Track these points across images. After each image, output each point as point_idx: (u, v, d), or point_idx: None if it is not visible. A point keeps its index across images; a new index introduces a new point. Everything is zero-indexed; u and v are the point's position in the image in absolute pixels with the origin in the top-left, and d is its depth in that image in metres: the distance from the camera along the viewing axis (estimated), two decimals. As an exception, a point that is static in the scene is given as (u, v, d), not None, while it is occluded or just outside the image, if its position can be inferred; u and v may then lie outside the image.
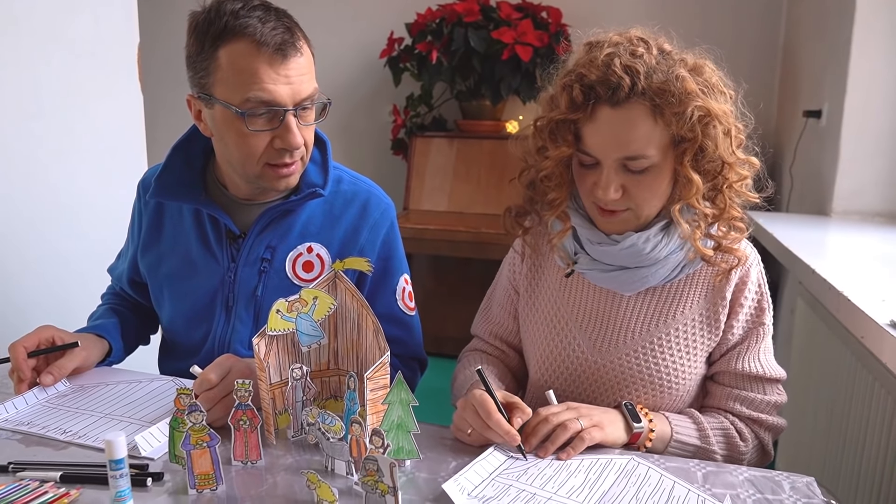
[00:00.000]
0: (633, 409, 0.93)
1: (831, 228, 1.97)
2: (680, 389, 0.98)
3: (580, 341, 1.00)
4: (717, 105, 0.87)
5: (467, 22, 2.74)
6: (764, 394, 0.99)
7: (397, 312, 1.15)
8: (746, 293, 0.97)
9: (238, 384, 0.82)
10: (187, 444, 0.77)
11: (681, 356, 0.97)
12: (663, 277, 0.96)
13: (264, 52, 0.94)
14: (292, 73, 0.96)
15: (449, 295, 3.02)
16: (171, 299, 1.15)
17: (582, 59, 0.91)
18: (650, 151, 0.87)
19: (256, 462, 0.84)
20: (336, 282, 0.93)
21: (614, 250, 0.94)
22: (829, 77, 2.16)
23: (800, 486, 0.83)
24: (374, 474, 0.68)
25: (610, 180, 0.89)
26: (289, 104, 0.97)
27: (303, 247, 1.09)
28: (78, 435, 0.90)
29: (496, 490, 0.79)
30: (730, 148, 0.89)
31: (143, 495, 0.78)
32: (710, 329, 0.98)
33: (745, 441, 0.98)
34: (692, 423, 0.96)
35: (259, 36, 0.94)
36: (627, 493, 0.79)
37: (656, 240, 0.93)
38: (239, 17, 0.94)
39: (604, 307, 1.00)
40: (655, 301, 0.98)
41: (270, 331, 0.89)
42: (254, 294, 1.09)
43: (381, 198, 1.16)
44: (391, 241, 1.16)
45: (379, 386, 0.86)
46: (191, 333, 1.14)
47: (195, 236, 1.12)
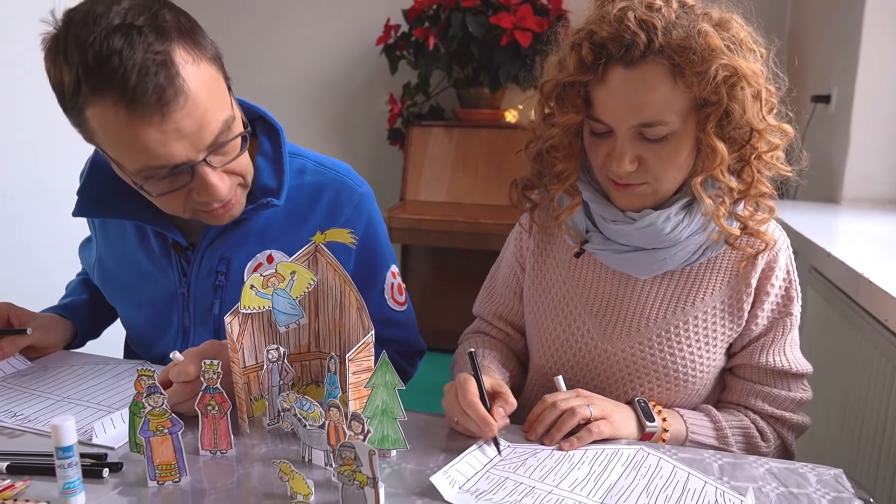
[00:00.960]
0: (646, 406, 0.86)
1: (842, 215, 1.90)
2: (696, 383, 0.90)
3: (590, 326, 0.92)
4: (745, 63, 0.76)
5: (465, 7, 2.66)
6: (788, 390, 0.90)
7: (388, 313, 1.04)
8: (773, 280, 0.87)
9: (205, 365, 0.74)
10: (146, 431, 0.69)
11: (699, 347, 0.88)
12: (683, 261, 0.87)
13: (138, 111, 0.73)
14: (182, 122, 0.76)
15: (447, 287, 2.94)
16: (128, 313, 1.04)
17: (593, 16, 0.81)
18: (669, 117, 0.78)
19: (227, 452, 0.76)
20: (317, 256, 0.85)
21: (630, 229, 0.85)
22: (839, 61, 2.09)
23: (827, 479, 0.75)
24: (352, 463, 0.60)
25: (625, 150, 0.80)
26: (193, 157, 0.79)
27: (262, 255, 0.95)
28: (28, 419, 0.83)
29: (490, 483, 0.71)
30: (759, 113, 0.79)
31: (97, 488, 0.70)
32: (731, 318, 0.89)
33: (766, 441, 0.89)
34: (709, 421, 0.88)
35: (123, 91, 0.72)
36: (637, 486, 0.72)
37: (677, 219, 0.84)
38: (91, 61, 0.72)
39: (616, 291, 0.91)
40: (673, 286, 0.89)
41: (244, 308, 0.81)
42: (210, 311, 0.96)
43: (352, 188, 1.00)
44: (371, 236, 1.02)
45: (362, 368, 0.78)
46: (151, 349, 1.03)
47: (140, 249, 0.98)
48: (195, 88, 0.76)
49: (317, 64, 3.25)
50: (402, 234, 2.71)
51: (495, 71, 2.70)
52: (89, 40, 0.72)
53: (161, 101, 0.74)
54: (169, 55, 0.74)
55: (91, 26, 0.73)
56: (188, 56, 0.77)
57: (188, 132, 0.77)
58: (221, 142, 0.81)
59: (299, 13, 3.21)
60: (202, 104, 0.77)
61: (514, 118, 2.89)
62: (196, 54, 0.78)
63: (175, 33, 0.76)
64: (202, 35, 0.81)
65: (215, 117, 0.79)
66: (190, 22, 0.80)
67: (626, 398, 0.90)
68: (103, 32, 0.72)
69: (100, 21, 0.73)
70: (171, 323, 0.99)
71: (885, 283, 1.07)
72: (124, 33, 0.72)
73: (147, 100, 0.73)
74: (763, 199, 0.84)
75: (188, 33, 0.78)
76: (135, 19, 0.74)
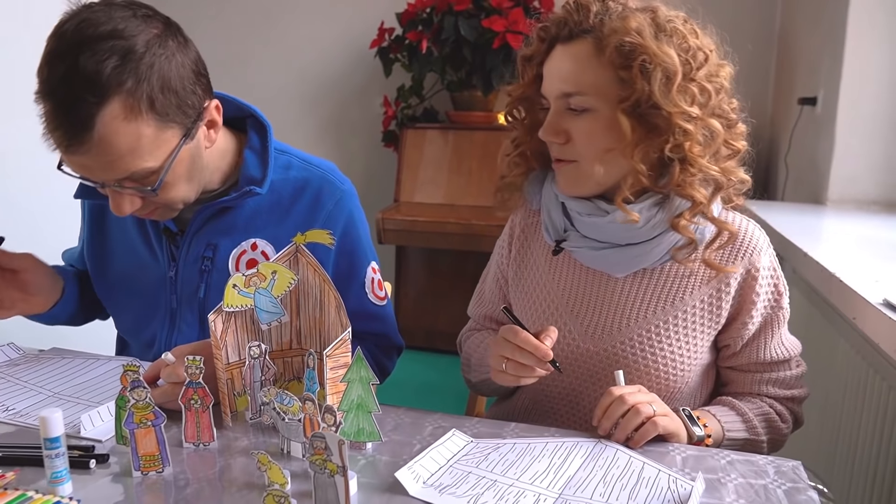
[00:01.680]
0: (690, 414, 0.87)
1: (827, 216, 1.92)
2: (678, 381, 0.92)
3: (571, 327, 0.95)
4: (656, 45, 0.80)
5: (458, 10, 2.70)
6: (791, 370, 0.96)
7: (369, 307, 1.07)
8: (759, 284, 0.90)
9: (188, 361, 0.77)
10: (130, 423, 0.72)
11: (680, 345, 0.91)
12: (658, 258, 0.90)
13: (53, 133, 0.80)
14: (87, 160, 0.82)
15: (441, 288, 2.97)
16: (119, 301, 1.08)
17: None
18: (588, 90, 0.84)
19: (209, 444, 0.80)
20: (297, 256, 0.88)
21: (603, 222, 0.88)
22: (825, 64, 2.11)
23: (785, 470, 0.78)
24: (322, 453, 0.63)
25: (553, 120, 0.87)
26: (98, 181, 0.85)
27: (247, 243, 1.00)
28: (21, 413, 0.86)
29: (454, 477, 0.74)
30: (671, 97, 0.80)
31: (84, 478, 0.73)
32: (711, 316, 0.92)
33: (785, 422, 0.94)
34: (736, 415, 0.91)
35: (52, 115, 0.79)
36: (595, 477, 0.75)
37: (649, 213, 0.86)
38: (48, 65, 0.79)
39: (596, 291, 0.94)
40: (653, 285, 0.92)
41: (227, 307, 0.84)
42: (196, 295, 1.01)
43: (335, 184, 1.04)
44: (352, 231, 1.05)
45: (339, 364, 0.81)
46: (139, 336, 1.07)
47: (136, 233, 1.04)
48: (108, 140, 0.80)
49: (311, 66, 3.29)
50: (397, 236, 2.74)
51: (488, 74, 2.73)
52: (60, 49, 0.78)
53: (66, 140, 0.80)
54: (97, 107, 0.78)
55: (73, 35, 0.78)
56: (122, 112, 0.79)
57: (91, 167, 0.83)
58: (133, 180, 0.85)
59: (294, 16, 3.25)
60: (112, 153, 0.81)
61: (508, 120, 2.92)
62: (136, 111, 0.80)
63: (124, 89, 0.79)
64: (166, 92, 0.83)
65: (126, 166, 0.83)
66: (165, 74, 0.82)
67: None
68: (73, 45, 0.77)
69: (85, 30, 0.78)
70: (159, 306, 1.03)
71: (855, 283, 1.10)
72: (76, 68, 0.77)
73: (59, 131, 0.79)
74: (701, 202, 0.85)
75: (148, 94, 0.81)
76: (97, 63, 0.77)
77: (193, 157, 0.91)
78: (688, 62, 0.82)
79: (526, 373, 0.84)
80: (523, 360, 0.83)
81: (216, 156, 0.99)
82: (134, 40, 0.80)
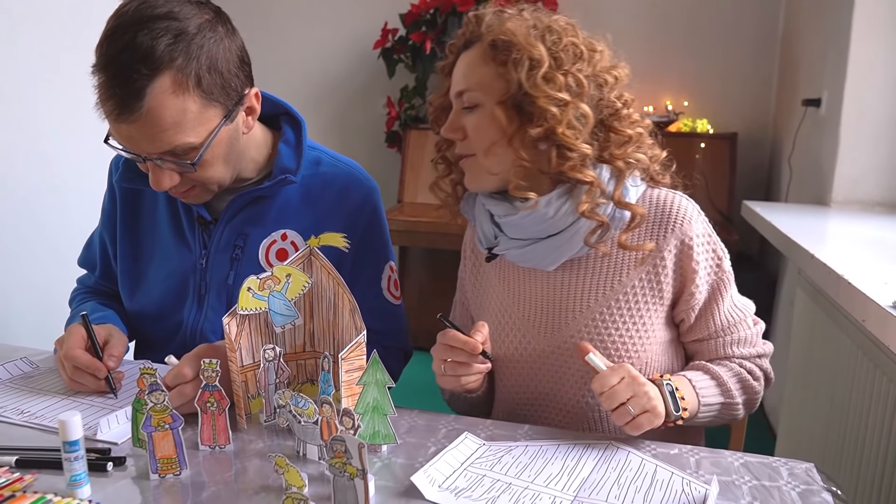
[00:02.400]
0: (672, 391, 0.85)
1: (831, 218, 1.93)
2: (641, 359, 0.93)
3: (524, 330, 0.97)
4: (525, 39, 0.86)
5: (462, 11, 2.70)
6: (750, 328, 0.97)
7: (382, 303, 1.10)
8: (697, 249, 0.92)
9: (205, 364, 0.77)
10: (148, 426, 0.72)
11: (631, 325, 0.92)
12: (581, 245, 0.91)
13: (105, 103, 0.85)
14: (134, 131, 0.86)
15: (443, 289, 2.97)
16: (145, 285, 1.10)
17: None
18: (474, 86, 0.90)
19: (225, 447, 0.80)
20: (311, 259, 0.89)
21: (517, 219, 0.92)
22: (829, 65, 2.12)
23: (798, 473, 0.78)
24: (342, 456, 0.63)
25: (452, 118, 0.93)
26: (140, 153, 0.89)
27: (277, 234, 1.04)
28: (35, 416, 0.86)
29: (469, 481, 0.74)
30: (537, 83, 0.86)
31: (102, 480, 0.73)
32: (654, 292, 0.93)
33: (757, 380, 0.94)
34: (710, 378, 0.92)
35: (104, 80, 0.84)
36: (608, 479, 0.75)
37: (559, 202, 0.90)
38: (107, 41, 0.84)
39: (535, 289, 0.97)
40: (588, 273, 0.94)
41: (241, 310, 0.85)
42: (225, 282, 1.04)
43: (361, 180, 1.10)
44: (375, 226, 1.10)
45: (354, 367, 0.82)
46: (163, 322, 1.08)
47: (169, 221, 1.07)
48: (156, 113, 0.85)
49: (315, 67, 3.29)
50: (400, 236, 2.74)
51: (491, 74, 2.73)
52: (120, 26, 0.84)
53: (119, 108, 0.84)
54: (148, 79, 0.83)
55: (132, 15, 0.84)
56: (172, 87, 0.85)
57: (137, 139, 0.87)
58: (174, 155, 0.89)
59: (298, 16, 3.25)
60: (158, 126, 0.86)
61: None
62: (183, 88, 0.85)
63: (175, 65, 0.84)
64: (213, 71, 0.88)
65: (170, 140, 0.87)
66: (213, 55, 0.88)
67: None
68: (131, 25, 0.83)
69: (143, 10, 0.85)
70: (187, 293, 1.06)
71: (864, 285, 1.10)
72: (139, 39, 0.83)
73: (111, 101, 0.85)
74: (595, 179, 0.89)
75: (194, 67, 0.86)
76: (159, 33, 0.84)
77: (232, 139, 0.95)
78: (558, 55, 0.87)
79: (463, 370, 0.87)
80: (457, 358, 0.87)
81: (252, 147, 1.03)
82: (187, 22, 0.86)
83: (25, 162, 1.57)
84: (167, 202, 1.08)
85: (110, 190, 1.13)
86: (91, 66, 0.86)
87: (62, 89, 1.64)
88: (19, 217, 1.56)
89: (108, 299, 1.16)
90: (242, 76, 0.94)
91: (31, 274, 1.60)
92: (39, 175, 1.60)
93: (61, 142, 1.66)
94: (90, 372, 0.92)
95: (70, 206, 1.67)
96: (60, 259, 1.62)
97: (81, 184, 1.68)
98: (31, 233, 1.59)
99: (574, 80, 0.87)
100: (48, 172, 1.62)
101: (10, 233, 1.55)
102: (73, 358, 0.91)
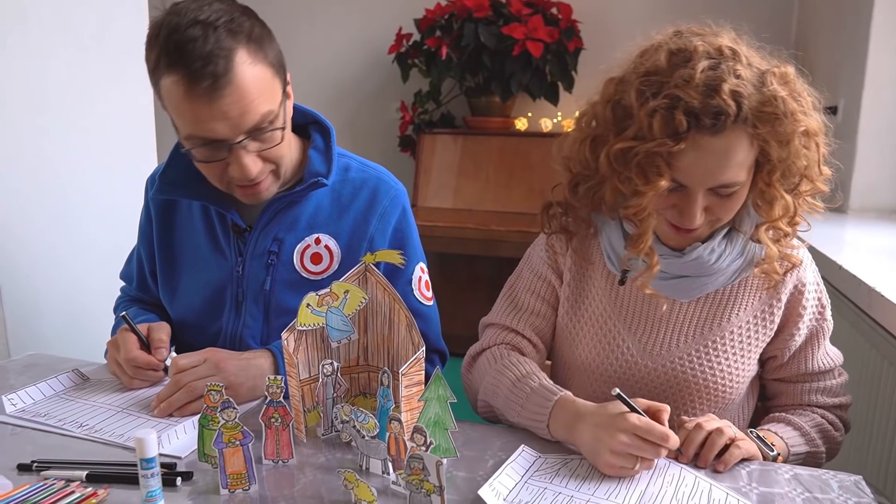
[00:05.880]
0: (759, 436, 0.89)
1: (848, 226, 1.95)
2: (732, 394, 0.96)
3: (629, 344, 0.97)
4: (814, 122, 0.83)
5: (477, 17, 2.71)
6: (836, 378, 0.99)
7: (413, 303, 1.10)
8: (806, 297, 0.95)
9: (269, 380, 0.79)
10: (220, 443, 0.74)
11: (735, 360, 0.95)
12: (721, 284, 0.94)
13: (195, 90, 0.88)
14: (228, 107, 0.89)
15: (456, 293, 2.99)
16: (183, 296, 1.12)
17: (676, 78, 0.80)
18: (742, 177, 0.83)
19: (288, 461, 0.82)
20: (367, 275, 0.90)
21: (678, 262, 0.91)
22: (845, 73, 2.14)
23: (848, 485, 0.80)
24: (420, 473, 0.65)
25: (699, 207, 0.84)
26: (231, 137, 0.92)
27: (310, 238, 1.06)
28: (95, 430, 0.88)
29: (531, 494, 0.76)
30: (818, 167, 0.86)
31: (172, 495, 0.75)
32: (763, 329, 0.95)
33: (838, 430, 0.97)
34: (794, 430, 0.94)
35: (188, 71, 0.87)
36: (666, 494, 0.77)
37: (720, 249, 0.91)
38: (171, 43, 0.87)
39: (656, 311, 0.96)
40: (709, 305, 0.95)
41: (300, 325, 0.86)
42: (262, 288, 1.06)
43: (390, 184, 1.12)
44: (403, 228, 1.12)
45: (413, 382, 0.83)
46: (203, 330, 1.11)
47: (204, 232, 1.09)
48: (245, 82, 0.90)
49: (329, 70, 3.30)
50: (415, 241, 2.76)
51: (507, 80, 2.75)
52: (175, 27, 0.88)
53: (213, 86, 0.88)
54: (231, 53, 0.89)
55: (181, 17, 0.88)
56: (248, 57, 0.91)
57: (231, 115, 0.90)
58: (259, 129, 0.93)
59: (312, 20, 3.26)
60: (248, 96, 0.90)
61: (524, 126, 2.94)
62: (257, 57, 0.92)
63: (244, 37, 0.91)
64: (269, 44, 0.95)
65: (257, 109, 0.91)
66: (263, 32, 0.95)
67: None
68: (188, 23, 0.88)
69: (188, 14, 0.88)
70: (225, 300, 1.08)
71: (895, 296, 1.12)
72: (203, 28, 0.88)
73: (203, 82, 0.87)
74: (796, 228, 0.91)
75: (256, 40, 0.92)
76: (216, 19, 0.89)
77: (287, 117, 0.99)
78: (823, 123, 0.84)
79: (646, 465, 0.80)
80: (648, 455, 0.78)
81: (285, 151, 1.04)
82: (233, 13, 0.91)
83: (53, 170, 1.58)
84: (202, 213, 1.09)
85: (146, 207, 1.15)
86: (150, 72, 0.91)
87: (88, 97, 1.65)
88: (47, 221, 1.58)
89: (148, 306, 1.20)
90: (283, 65, 0.99)
91: (60, 282, 1.61)
92: (65, 183, 1.61)
93: (91, 152, 1.67)
94: (149, 369, 0.99)
95: (96, 213, 1.68)
96: (86, 266, 1.64)
97: (108, 192, 1.70)
98: (59, 239, 1.60)
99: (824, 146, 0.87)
100: (74, 180, 1.63)
101: (39, 239, 1.56)
102: (133, 360, 0.98)
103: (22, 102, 1.49)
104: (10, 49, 1.45)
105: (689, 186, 0.83)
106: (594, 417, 0.81)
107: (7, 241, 1.49)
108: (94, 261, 1.65)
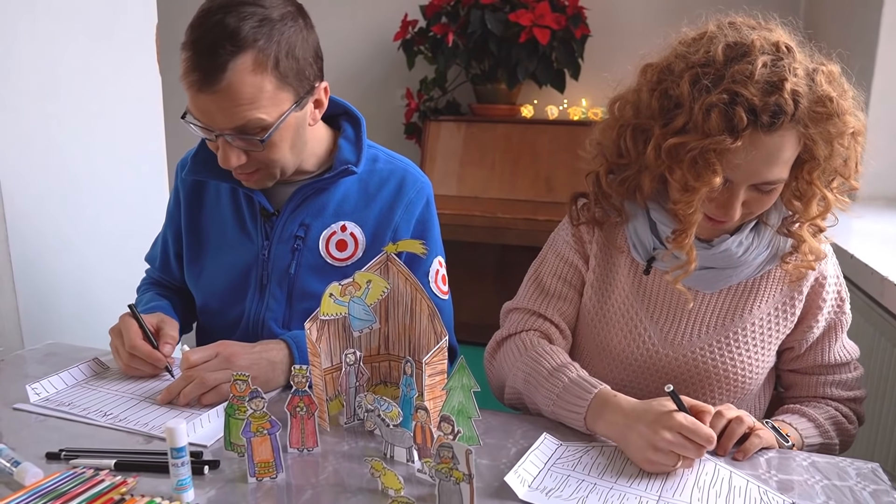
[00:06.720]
0: (774, 426, 0.90)
1: (856, 213, 1.94)
2: (750, 384, 0.97)
3: (651, 333, 0.98)
4: (860, 123, 0.83)
5: (484, 4, 2.69)
6: (851, 372, 1.00)
7: (430, 296, 1.12)
8: (828, 288, 0.96)
9: (295, 370, 0.80)
10: (247, 432, 0.75)
11: (755, 351, 0.96)
12: (745, 276, 0.94)
13: (190, 75, 0.91)
14: (211, 104, 0.92)
15: (461, 281, 2.99)
16: (207, 278, 1.13)
17: (735, 72, 0.79)
18: (785, 174, 0.83)
19: (313, 449, 0.82)
20: (388, 265, 0.91)
21: (706, 254, 0.91)
22: (854, 62, 2.12)
23: (865, 472, 0.82)
24: (449, 462, 0.66)
25: (740, 202, 0.84)
26: (213, 128, 0.94)
27: (337, 225, 1.08)
28: (119, 419, 0.89)
29: (555, 481, 0.77)
30: (856, 165, 0.86)
31: (200, 483, 0.76)
32: (783, 321, 0.96)
33: (852, 423, 0.98)
34: (808, 421, 0.95)
35: (191, 54, 0.90)
36: (687, 482, 0.78)
37: (748, 242, 0.91)
38: (197, 21, 0.92)
39: (680, 302, 0.97)
40: (731, 297, 0.96)
41: (323, 315, 0.87)
42: (287, 272, 1.07)
43: (416, 176, 1.14)
44: (426, 220, 1.14)
45: (436, 371, 0.84)
46: (225, 313, 1.12)
47: (231, 215, 1.11)
48: (234, 87, 0.90)
49: (334, 57, 3.25)
50: (422, 228, 2.76)
51: (513, 67, 2.73)
52: (209, 10, 0.91)
53: (204, 80, 0.90)
54: (234, 54, 0.89)
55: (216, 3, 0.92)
56: (252, 65, 0.91)
57: (212, 111, 0.92)
58: (244, 132, 0.94)
59: (318, 6, 3.23)
60: (235, 100, 0.91)
61: (530, 114, 2.93)
62: (263, 67, 0.91)
63: (257, 45, 0.91)
64: (292, 58, 0.94)
65: (244, 115, 0.92)
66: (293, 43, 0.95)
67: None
68: (219, 7, 0.91)
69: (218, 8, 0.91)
70: (249, 283, 1.09)
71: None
72: (229, 19, 0.90)
73: (196, 72, 0.90)
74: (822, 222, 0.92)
75: (276, 54, 0.92)
76: (239, 21, 0.90)
77: (299, 126, 1.00)
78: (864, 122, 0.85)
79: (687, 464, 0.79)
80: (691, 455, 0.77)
81: (314, 141, 1.07)
82: (272, 10, 0.93)
83: (63, 158, 1.58)
84: (230, 196, 1.11)
85: (175, 190, 1.17)
86: (181, 44, 0.93)
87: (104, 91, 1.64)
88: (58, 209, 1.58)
89: (166, 290, 1.21)
90: (316, 69, 1.00)
91: (73, 269, 1.61)
92: (75, 171, 1.61)
93: (101, 140, 1.66)
94: (150, 361, 0.99)
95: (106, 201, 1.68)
96: (97, 253, 1.64)
97: (117, 179, 1.69)
98: (70, 227, 1.60)
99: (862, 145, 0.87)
100: (85, 168, 1.63)
101: (51, 227, 1.56)
102: (134, 348, 0.99)
103: (32, 91, 1.49)
104: (19, 37, 1.44)
105: (733, 182, 0.83)
106: (638, 413, 0.81)
107: (20, 229, 1.49)
108: (105, 248, 1.65)
